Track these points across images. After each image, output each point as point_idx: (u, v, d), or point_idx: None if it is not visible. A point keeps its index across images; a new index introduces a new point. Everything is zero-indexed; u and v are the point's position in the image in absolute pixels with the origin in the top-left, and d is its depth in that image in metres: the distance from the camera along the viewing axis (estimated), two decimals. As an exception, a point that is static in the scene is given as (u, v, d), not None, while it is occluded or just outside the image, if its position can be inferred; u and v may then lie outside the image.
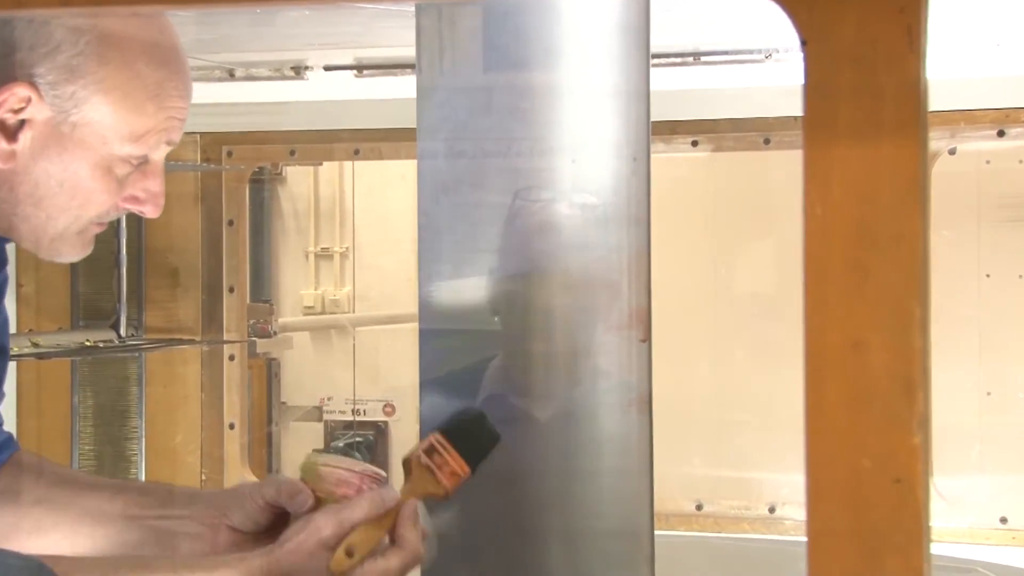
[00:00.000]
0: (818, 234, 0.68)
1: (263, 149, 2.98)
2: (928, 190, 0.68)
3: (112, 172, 1.23)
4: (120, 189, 1.25)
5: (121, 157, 1.22)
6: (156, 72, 1.22)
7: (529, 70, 1.54)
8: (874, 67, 0.67)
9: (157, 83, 1.22)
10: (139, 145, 1.22)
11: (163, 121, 1.23)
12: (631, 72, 1.52)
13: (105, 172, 1.22)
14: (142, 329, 2.95)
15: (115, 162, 1.22)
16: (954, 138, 2.61)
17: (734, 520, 2.77)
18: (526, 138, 1.54)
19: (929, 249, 0.70)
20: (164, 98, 1.23)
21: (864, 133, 0.66)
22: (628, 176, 1.52)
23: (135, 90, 1.20)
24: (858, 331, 0.67)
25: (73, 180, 1.21)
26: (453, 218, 1.56)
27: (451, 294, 1.57)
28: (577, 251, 1.54)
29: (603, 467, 1.54)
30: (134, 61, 1.20)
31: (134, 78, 1.20)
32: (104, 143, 1.21)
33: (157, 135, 1.23)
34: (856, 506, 0.66)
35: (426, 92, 1.57)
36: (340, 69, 2.59)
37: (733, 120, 2.69)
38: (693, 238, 3.48)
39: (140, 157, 1.24)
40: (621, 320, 1.53)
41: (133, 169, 1.25)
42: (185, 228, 2.93)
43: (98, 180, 1.22)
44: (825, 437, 0.67)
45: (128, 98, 1.20)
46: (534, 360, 1.56)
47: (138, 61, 1.20)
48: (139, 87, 1.21)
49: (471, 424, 1.38)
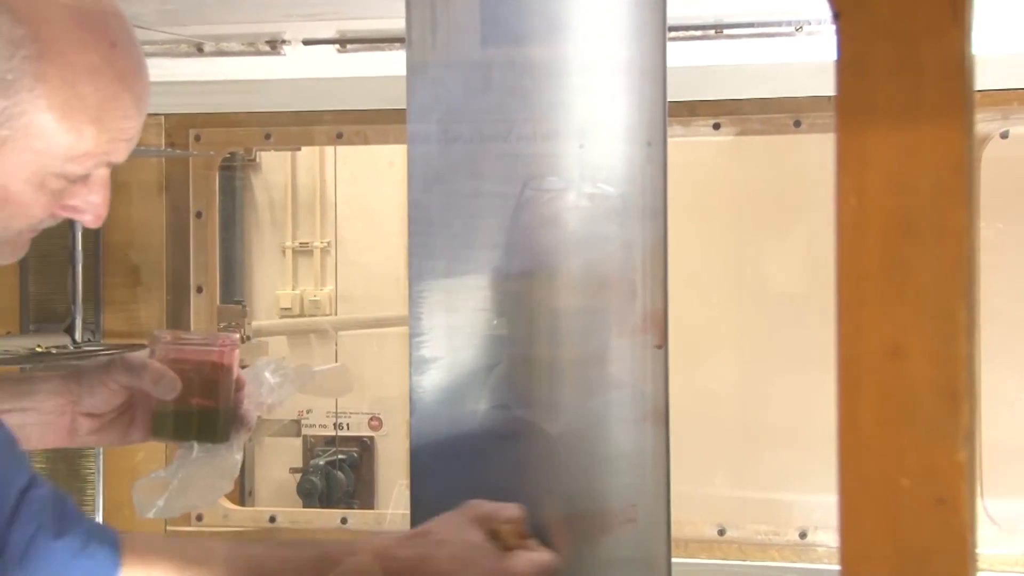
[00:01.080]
0: (853, 227, 0.68)
1: (235, 132, 2.98)
2: (976, 178, 0.69)
3: (45, 186, 1.25)
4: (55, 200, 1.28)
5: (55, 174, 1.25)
6: (100, 93, 1.23)
7: (532, 44, 1.55)
8: (914, 42, 0.67)
9: (99, 105, 1.23)
10: (76, 165, 1.25)
11: (105, 144, 1.25)
12: (645, 47, 1.53)
13: (37, 187, 1.25)
14: (100, 333, 2.95)
15: (49, 178, 1.25)
16: (1007, 120, 2.61)
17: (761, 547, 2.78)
18: (528, 120, 1.54)
19: (977, 244, 0.70)
20: (108, 120, 1.24)
21: (903, 115, 0.67)
22: (642, 163, 1.53)
23: (74, 111, 1.22)
24: (897, 335, 0.68)
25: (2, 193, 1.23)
26: (447, 210, 1.57)
27: (445, 295, 1.57)
28: (586, 247, 1.54)
29: (615, 486, 1.54)
30: (76, 80, 1.21)
31: (74, 98, 1.21)
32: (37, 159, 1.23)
33: (97, 158, 1.26)
34: (895, 530, 0.67)
35: (417, 69, 1.57)
36: (321, 43, 2.59)
37: (759, 100, 2.69)
38: (714, 232, 3.48)
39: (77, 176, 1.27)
40: (635, 323, 1.53)
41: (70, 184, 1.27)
42: (147, 221, 2.93)
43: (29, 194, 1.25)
44: (860, 453, 0.68)
45: (66, 118, 1.21)
46: (540, 368, 1.57)
47: (80, 80, 1.21)
48: (79, 108, 1.22)
49: None
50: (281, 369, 1.60)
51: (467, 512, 1.41)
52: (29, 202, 1.25)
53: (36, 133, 1.21)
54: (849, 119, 0.69)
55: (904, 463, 0.67)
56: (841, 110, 0.69)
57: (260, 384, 1.59)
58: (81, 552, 1.22)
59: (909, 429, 0.68)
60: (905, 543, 0.67)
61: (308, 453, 4.10)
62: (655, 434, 1.53)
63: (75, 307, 2.89)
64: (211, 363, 1.54)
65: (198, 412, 1.54)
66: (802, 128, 2.67)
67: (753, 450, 3.42)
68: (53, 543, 1.21)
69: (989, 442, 2.07)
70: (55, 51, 1.20)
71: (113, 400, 1.51)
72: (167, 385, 1.50)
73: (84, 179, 1.28)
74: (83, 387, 1.49)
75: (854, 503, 0.69)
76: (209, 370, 1.54)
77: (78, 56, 1.21)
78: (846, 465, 0.69)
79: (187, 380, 1.52)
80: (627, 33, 1.53)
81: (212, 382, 1.54)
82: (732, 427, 3.44)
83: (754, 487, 3.22)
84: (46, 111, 1.20)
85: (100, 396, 1.50)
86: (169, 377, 1.50)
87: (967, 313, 0.69)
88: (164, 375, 1.49)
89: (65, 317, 2.92)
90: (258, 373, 1.59)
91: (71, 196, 1.28)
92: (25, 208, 1.26)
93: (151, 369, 1.50)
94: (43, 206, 1.27)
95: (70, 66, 1.21)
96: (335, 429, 4.07)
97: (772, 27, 2.39)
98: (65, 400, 1.48)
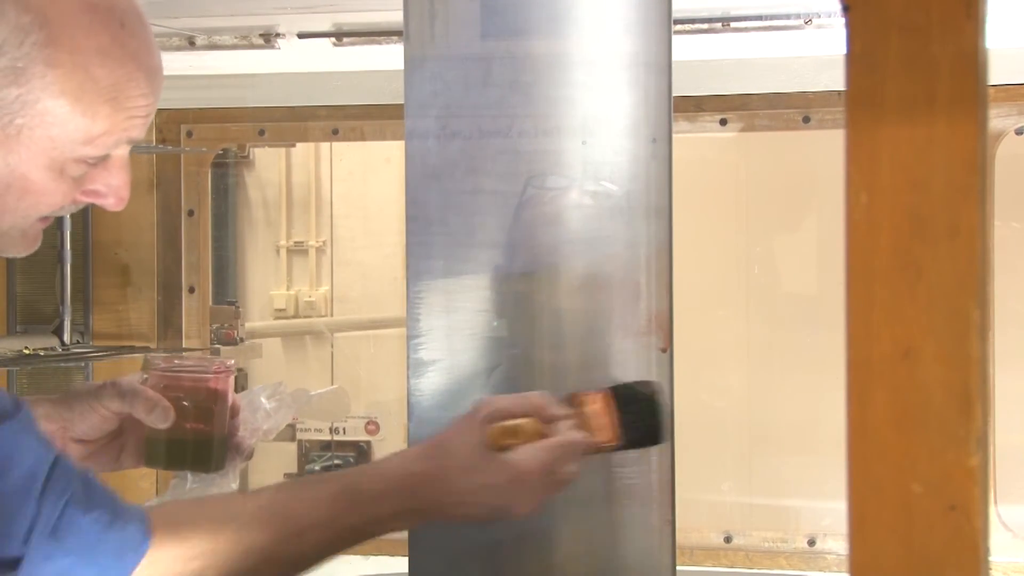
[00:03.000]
0: (863, 226, 0.68)
1: (228, 128, 2.98)
2: (990, 175, 0.69)
3: (65, 173, 1.27)
4: (76, 187, 1.30)
5: (74, 159, 1.27)
6: (113, 73, 1.25)
7: (533, 37, 1.55)
8: (926, 35, 0.67)
9: (114, 85, 1.26)
10: (94, 147, 1.27)
11: (121, 122, 1.27)
12: (650, 40, 1.53)
13: (57, 174, 1.27)
14: (89, 335, 2.95)
15: (68, 164, 1.27)
16: (1022, 116, 2.61)
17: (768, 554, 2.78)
18: (529, 116, 1.54)
19: (991, 243, 0.70)
20: (123, 99, 1.27)
21: (915, 110, 0.67)
22: (647, 160, 1.53)
23: (88, 93, 1.24)
24: (908, 338, 0.68)
25: (21, 183, 1.26)
26: (446, 208, 1.57)
27: (444, 295, 1.57)
28: (589, 246, 1.54)
29: (618, 492, 1.54)
30: (87, 63, 1.24)
31: (87, 81, 1.24)
32: (54, 146, 1.25)
33: (116, 136, 1.28)
34: (906, 537, 0.67)
35: (415, 63, 1.57)
36: (316, 36, 2.59)
37: (767, 95, 2.69)
38: (721, 231, 3.48)
39: (97, 157, 1.29)
40: (639, 325, 1.53)
41: (90, 168, 1.29)
42: (138, 219, 2.94)
43: (49, 182, 1.27)
44: (870, 458, 0.68)
45: (80, 102, 1.24)
46: (541, 371, 1.57)
47: (92, 63, 1.24)
48: (92, 90, 1.24)
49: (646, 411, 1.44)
50: (277, 394, 1.61)
51: (478, 413, 1.40)
52: (51, 190, 1.27)
53: (51, 119, 1.23)
54: (859, 114, 0.69)
55: (915, 468, 0.67)
56: (851, 105, 0.69)
57: (256, 410, 1.59)
58: (110, 526, 1.23)
59: (920, 433, 0.68)
60: (916, 550, 0.67)
61: (303, 458, 4.10)
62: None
63: (63, 308, 2.89)
64: (206, 389, 1.54)
65: (192, 440, 1.54)
66: (811, 124, 2.67)
67: (760, 455, 3.42)
68: (82, 517, 1.22)
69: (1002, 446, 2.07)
70: (64, 35, 1.22)
71: (104, 426, 1.51)
72: (161, 414, 1.50)
73: (104, 163, 1.30)
74: (74, 413, 1.50)
75: (864, 509, 0.69)
76: (204, 397, 1.54)
77: (87, 39, 1.23)
78: (856, 470, 0.69)
79: (181, 407, 1.52)
80: (632, 26, 1.53)
81: (207, 409, 1.54)
82: (739, 431, 3.44)
83: (761, 493, 3.22)
84: (59, 96, 1.23)
85: (91, 422, 1.50)
86: (163, 406, 1.50)
87: (980, 314, 0.69)
88: (158, 404, 1.50)
89: (53, 318, 2.92)
90: (254, 399, 1.60)
91: (91, 181, 1.30)
92: (47, 196, 1.28)
93: (144, 397, 1.50)
94: (64, 193, 1.29)
95: (80, 49, 1.23)
96: (331, 434, 4.07)
97: (780, 20, 2.39)
98: (56, 426, 1.48)
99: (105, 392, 1.50)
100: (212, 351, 3.19)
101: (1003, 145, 2.65)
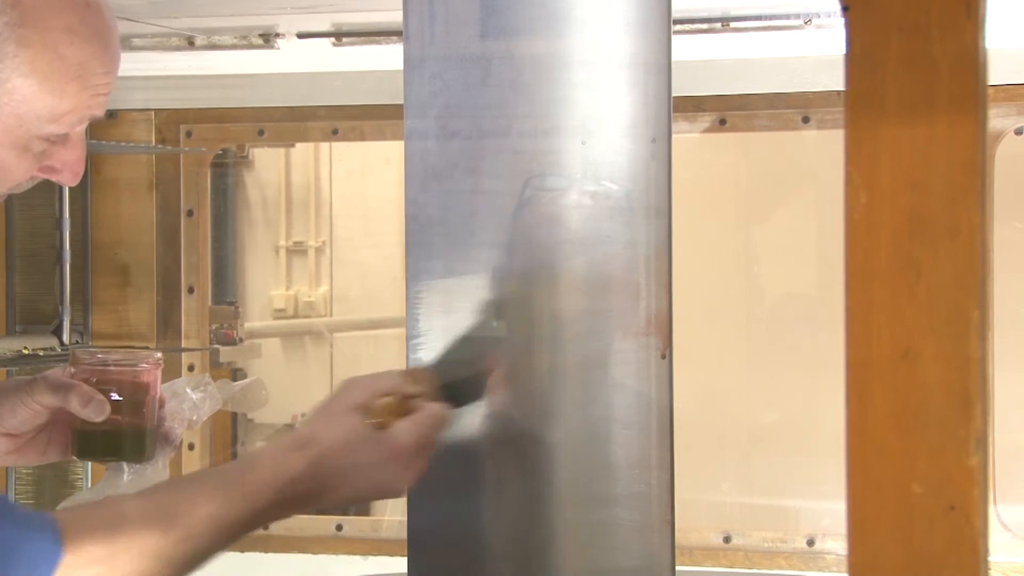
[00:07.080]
0: (863, 226, 0.68)
1: (227, 128, 2.98)
2: (989, 175, 0.69)
3: (28, 150, 1.31)
4: (36, 162, 1.33)
5: (39, 137, 1.30)
6: (80, 51, 1.29)
7: (533, 37, 1.55)
8: (926, 35, 0.67)
9: (80, 63, 1.29)
10: (59, 125, 1.31)
11: (87, 100, 1.31)
12: (650, 40, 1.53)
13: (21, 151, 1.31)
14: (88, 335, 2.95)
15: (32, 141, 1.31)
16: (1022, 116, 2.61)
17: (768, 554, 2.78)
18: (529, 116, 1.54)
19: (991, 243, 0.70)
20: (88, 77, 1.30)
21: (914, 110, 0.67)
22: (646, 160, 1.53)
23: (56, 72, 1.28)
24: (908, 338, 0.68)
25: None
26: (445, 208, 1.57)
27: (443, 296, 1.57)
28: (589, 247, 1.54)
29: (618, 493, 1.54)
30: (57, 43, 1.27)
31: (56, 60, 1.27)
32: (20, 124, 1.28)
33: (80, 113, 1.32)
34: (905, 537, 0.67)
35: (415, 63, 1.57)
36: (316, 36, 2.59)
37: (767, 95, 2.69)
38: (721, 231, 3.49)
39: (60, 135, 1.32)
40: (639, 326, 1.53)
41: (50, 145, 1.33)
42: (137, 219, 2.93)
43: (12, 159, 1.30)
44: (870, 459, 0.68)
45: (48, 80, 1.27)
46: (540, 372, 1.57)
47: (61, 42, 1.27)
48: (61, 68, 1.28)
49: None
50: (202, 385, 1.64)
51: (343, 399, 1.41)
52: (13, 167, 1.31)
53: (20, 98, 1.27)
54: (859, 114, 0.69)
55: (915, 468, 0.68)
56: (851, 105, 0.69)
57: (182, 401, 1.62)
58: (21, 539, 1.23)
59: (920, 434, 0.68)
60: (915, 551, 0.67)
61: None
62: (659, 439, 1.53)
63: (63, 308, 2.89)
64: (133, 382, 1.56)
65: (122, 431, 1.56)
66: (811, 124, 2.67)
67: (760, 455, 3.42)
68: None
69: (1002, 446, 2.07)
70: (34, 16, 1.25)
71: (34, 420, 1.52)
72: (96, 407, 1.51)
73: (63, 140, 1.33)
74: (3, 407, 1.51)
75: (863, 509, 0.69)
76: (131, 389, 1.56)
77: (56, 18, 1.27)
78: (855, 471, 0.69)
79: (112, 400, 1.53)
80: (631, 26, 1.53)
81: (135, 401, 1.56)
82: (738, 431, 3.45)
83: (761, 493, 3.23)
84: (29, 75, 1.26)
85: (21, 416, 1.51)
86: (98, 399, 1.51)
87: (980, 314, 0.69)
88: (93, 397, 1.51)
89: (52, 318, 2.92)
90: (179, 390, 1.63)
91: (48, 157, 1.34)
92: (9, 174, 1.31)
93: (79, 391, 1.51)
94: (25, 169, 1.32)
95: (50, 29, 1.26)
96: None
97: (780, 20, 2.40)
98: None
99: (37, 386, 1.51)
100: (212, 351, 3.19)
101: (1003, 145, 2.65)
